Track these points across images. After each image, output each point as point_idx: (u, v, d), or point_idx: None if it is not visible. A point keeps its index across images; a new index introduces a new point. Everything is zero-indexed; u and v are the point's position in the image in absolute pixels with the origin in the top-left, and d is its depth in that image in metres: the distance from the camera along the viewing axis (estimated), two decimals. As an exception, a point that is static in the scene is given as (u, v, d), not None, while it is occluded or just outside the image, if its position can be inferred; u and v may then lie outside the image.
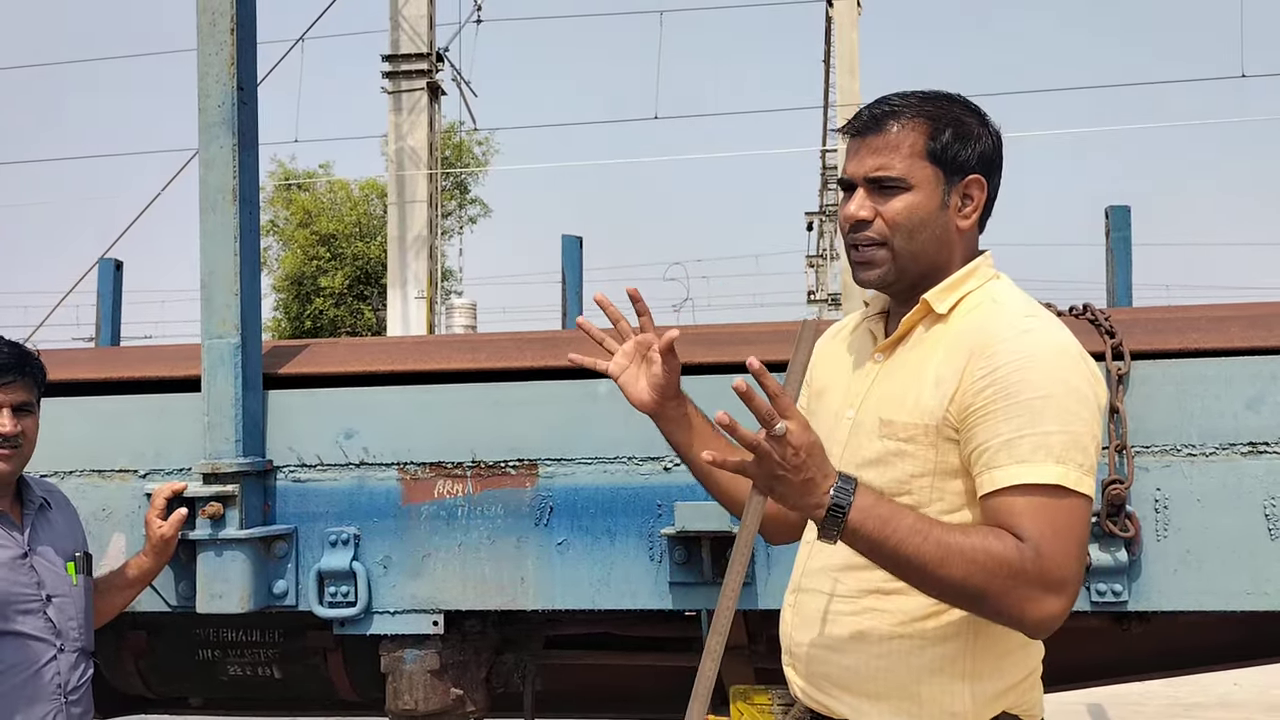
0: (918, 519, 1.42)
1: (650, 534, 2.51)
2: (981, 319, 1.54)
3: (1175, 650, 2.98)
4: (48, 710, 2.22)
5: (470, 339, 3.04)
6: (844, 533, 1.41)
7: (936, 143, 1.54)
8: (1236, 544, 2.29)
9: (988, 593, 1.39)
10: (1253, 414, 2.30)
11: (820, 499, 1.39)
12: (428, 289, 15.97)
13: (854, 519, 1.39)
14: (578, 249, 4.18)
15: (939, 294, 1.57)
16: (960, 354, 1.51)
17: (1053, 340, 1.49)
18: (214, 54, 2.58)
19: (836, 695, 1.57)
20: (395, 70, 16.38)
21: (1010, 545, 1.39)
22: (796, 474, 1.38)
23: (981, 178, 1.57)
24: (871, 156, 1.55)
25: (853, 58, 15.92)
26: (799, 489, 1.39)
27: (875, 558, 1.44)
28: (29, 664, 2.21)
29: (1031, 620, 1.41)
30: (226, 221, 2.57)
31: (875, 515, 1.40)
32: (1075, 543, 1.42)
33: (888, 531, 1.39)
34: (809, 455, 1.39)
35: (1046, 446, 1.42)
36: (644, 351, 1.74)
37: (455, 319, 16.14)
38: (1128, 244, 3.58)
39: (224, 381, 2.56)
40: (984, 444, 1.45)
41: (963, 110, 1.59)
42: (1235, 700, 5.45)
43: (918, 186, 1.54)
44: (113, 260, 4.24)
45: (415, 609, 2.59)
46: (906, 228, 1.54)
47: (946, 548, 1.39)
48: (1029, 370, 1.45)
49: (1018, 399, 1.43)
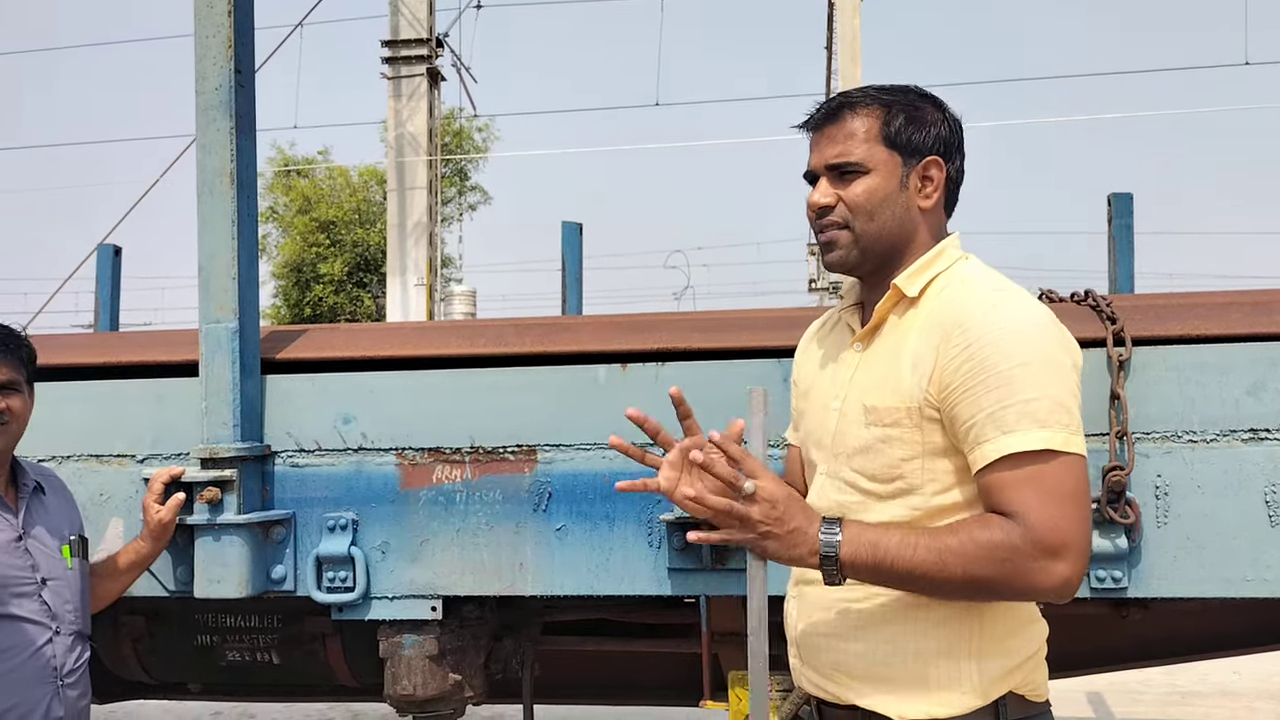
0: (904, 533, 1.46)
1: (649, 520, 2.50)
2: (951, 298, 1.57)
3: (1175, 638, 2.98)
4: (43, 693, 2.22)
5: (469, 324, 3.03)
6: (844, 569, 1.46)
7: (891, 127, 1.60)
8: (1237, 530, 2.28)
9: (994, 579, 1.43)
10: (1254, 400, 2.29)
11: (813, 545, 1.45)
12: (427, 276, 15.96)
13: (848, 551, 1.45)
14: (577, 235, 4.17)
15: (908, 278, 1.61)
16: (933, 334, 1.53)
17: (1022, 311, 1.52)
18: (211, 36, 2.56)
19: (845, 682, 1.58)
20: (395, 56, 16.34)
21: (997, 527, 1.43)
22: (781, 526, 1.45)
23: (939, 159, 1.62)
24: (830, 146, 1.62)
25: (855, 44, 15.88)
26: (787, 541, 1.45)
27: (881, 582, 1.49)
28: (24, 647, 2.20)
29: (1047, 588, 1.44)
30: (224, 205, 2.56)
31: (865, 540, 1.45)
32: (1070, 503, 1.44)
33: (880, 554, 1.45)
34: (787, 506, 1.45)
35: (1029, 413, 1.45)
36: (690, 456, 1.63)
37: (455, 306, 16.15)
38: (1130, 232, 3.58)
39: (221, 366, 2.55)
40: (969, 420, 1.48)
41: (917, 98, 1.65)
42: (1235, 689, 5.46)
43: (875, 169, 1.60)
44: (111, 246, 4.23)
45: (413, 594, 2.59)
46: (867, 209, 1.60)
47: (939, 551, 1.43)
48: (1002, 342, 1.47)
49: (995, 371, 1.46)
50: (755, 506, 1.43)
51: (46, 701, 2.22)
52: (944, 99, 1.67)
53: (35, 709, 2.20)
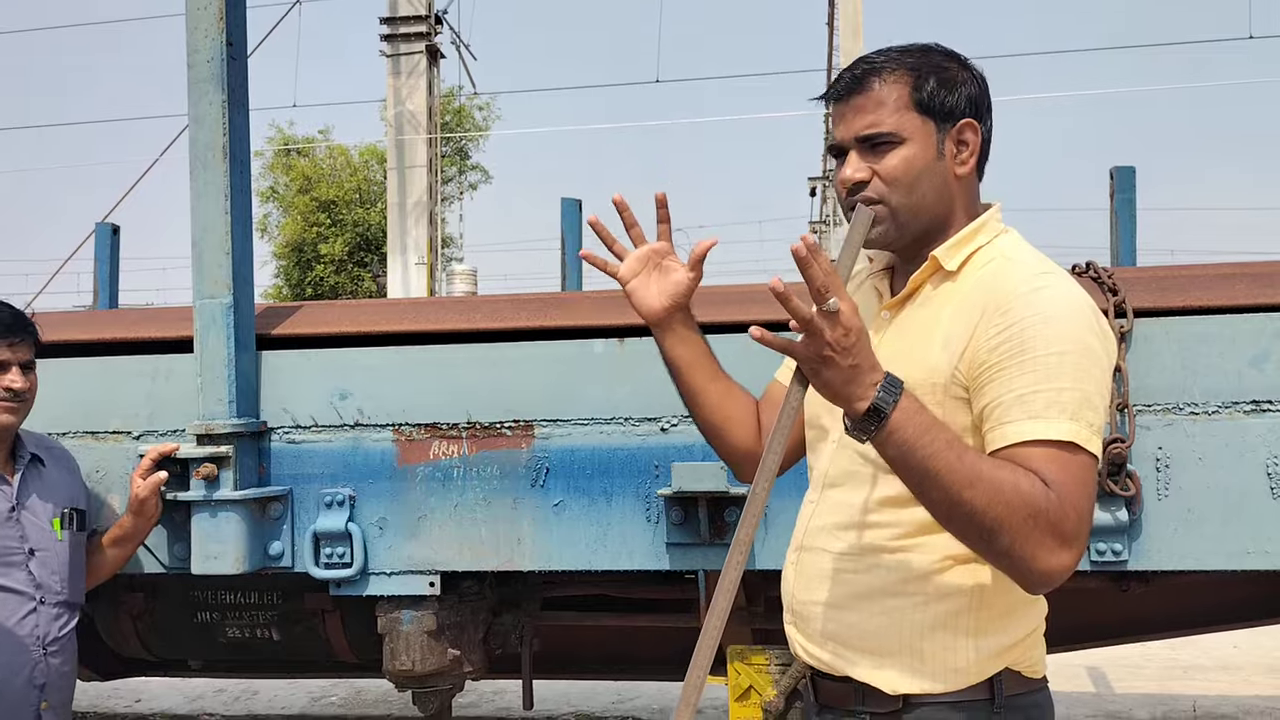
0: (955, 436, 1.38)
1: (647, 495, 2.49)
2: (993, 276, 1.50)
3: (1175, 611, 2.97)
4: (26, 662, 2.26)
5: (466, 300, 3.01)
6: (879, 433, 1.35)
7: (922, 92, 1.51)
8: (1238, 503, 2.27)
9: (1003, 527, 1.35)
10: (1256, 372, 2.27)
11: (865, 390, 1.34)
12: (428, 255, 15.93)
13: (896, 419, 1.34)
14: (577, 212, 4.14)
15: (948, 250, 1.54)
16: (972, 312, 1.48)
17: (1068, 297, 1.46)
18: (203, 8, 2.53)
19: (840, 652, 1.56)
20: (394, 33, 16.25)
21: (1038, 487, 1.36)
22: (845, 357, 1.33)
23: (974, 121, 1.54)
24: (859, 117, 1.53)
25: (856, 19, 15.78)
26: (845, 375, 1.33)
27: (901, 466, 1.38)
28: (8, 617, 2.26)
29: (1040, 569, 1.37)
30: (217, 179, 2.54)
31: (917, 421, 1.35)
32: (1088, 499, 1.40)
33: (925, 440, 1.35)
34: (858, 339, 1.33)
35: (1060, 403, 1.39)
36: (658, 260, 1.70)
37: (456, 285, 16.07)
38: (1132, 205, 3.55)
39: (216, 342, 2.53)
40: (997, 399, 1.43)
41: (942, 58, 1.56)
42: (1235, 663, 5.47)
43: (911, 139, 1.51)
44: (110, 225, 4.21)
45: (412, 570, 2.58)
46: (905, 182, 1.51)
47: (977, 472, 1.35)
48: (1044, 326, 1.42)
49: (1032, 355, 1.41)
50: (831, 326, 1.31)
51: (29, 669, 2.27)
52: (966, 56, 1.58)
53: (17, 675, 2.25)
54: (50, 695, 2.30)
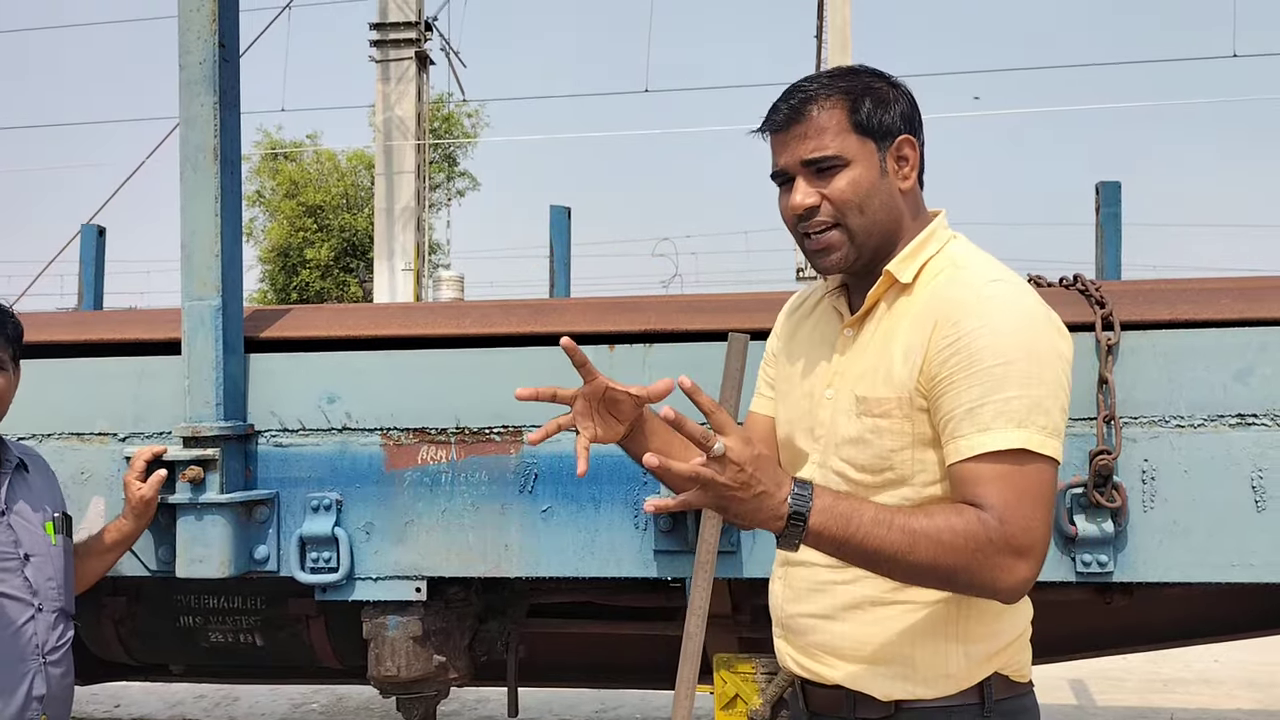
0: (878, 510, 1.41)
1: (635, 502, 2.49)
2: (945, 285, 1.54)
3: (1159, 623, 2.99)
4: (26, 670, 2.19)
5: (455, 305, 3.01)
6: (807, 538, 1.39)
7: (859, 114, 1.55)
8: (1223, 515, 2.29)
9: (958, 569, 1.40)
10: (1241, 385, 2.29)
11: (778, 510, 1.36)
12: (415, 261, 15.90)
13: (815, 523, 1.37)
14: (565, 219, 4.15)
15: (900, 264, 1.57)
16: (926, 324, 1.51)
17: (1016, 304, 1.49)
18: (195, 10, 2.53)
19: (831, 663, 1.57)
20: (383, 39, 16.24)
21: (972, 519, 1.40)
22: (746, 490, 1.34)
23: (910, 136, 1.58)
24: (801, 143, 1.56)
25: (845, 32, 15.85)
26: (753, 504, 1.36)
27: (842, 556, 1.42)
28: (6, 624, 2.18)
29: (1004, 587, 1.42)
30: (207, 181, 2.53)
31: (836, 514, 1.38)
32: (1040, 506, 1.42)
33: (852, 528, 1.38)
34: (755, 469, 1.35)
35: (1007, 413, 1.42)
36: (594, 402, 1.66)
37: (443, 291, 16.04)
38: (1118, 220, 3.58)
39: (204, 344, 2.52)
40: (950, 412, 1.46)
41: (872, 78, 1.60)
42: (1216, 676, 5.49)
43: (855, 160, 1.54)
44: (95, 226, 4.19)
45: (398, 575, 2.57)
46: (855, 202, 1.54)
47: (912, 533, 1.39)
48: (992, 337, 1.45)
49: (979, 366, 1.44)
50: (721, 470, 1.32)
51: (29, 679, 2.19)
52: (888, 73, 1.62)
53: (18, 687, 2.17)
54: (50, 707, 2.22)
